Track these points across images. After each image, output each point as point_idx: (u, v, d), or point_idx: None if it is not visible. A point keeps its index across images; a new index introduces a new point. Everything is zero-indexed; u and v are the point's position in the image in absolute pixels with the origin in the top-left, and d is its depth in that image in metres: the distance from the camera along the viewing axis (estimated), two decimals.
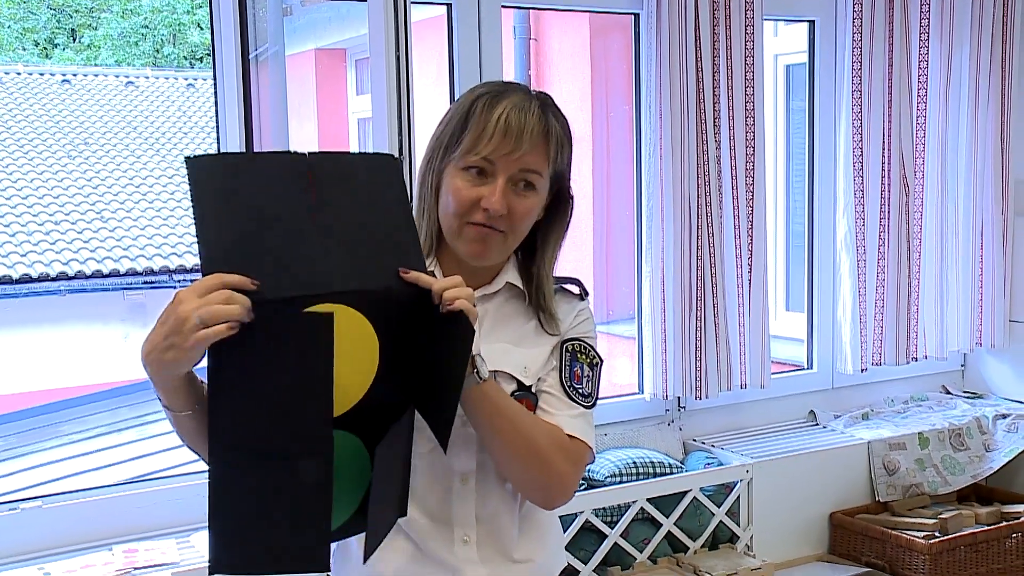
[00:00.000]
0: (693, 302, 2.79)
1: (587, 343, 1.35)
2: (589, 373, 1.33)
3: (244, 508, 1.04)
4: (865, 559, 2.86)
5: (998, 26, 3.21)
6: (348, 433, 1.09)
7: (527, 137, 1.23)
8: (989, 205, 3.27)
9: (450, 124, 1.28)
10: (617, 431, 2.86)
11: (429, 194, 1.29)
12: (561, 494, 1.28)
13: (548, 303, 1.34)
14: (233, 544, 1.05)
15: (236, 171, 1.06)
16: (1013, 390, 3.38)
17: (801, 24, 3.22)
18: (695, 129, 2.75)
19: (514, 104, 1.25)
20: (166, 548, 2.21)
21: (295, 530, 1.06)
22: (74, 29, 12.17)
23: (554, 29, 4.34)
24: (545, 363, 1.32)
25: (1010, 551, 2.87)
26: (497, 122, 1.23)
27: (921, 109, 3.14)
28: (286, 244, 1.04)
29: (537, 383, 1.31)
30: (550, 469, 1.24)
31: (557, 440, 1.26)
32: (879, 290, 3.11)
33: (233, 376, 1.01)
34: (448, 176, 1.26)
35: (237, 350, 0.99)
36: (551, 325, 1.33)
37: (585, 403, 1.31)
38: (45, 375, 6.86)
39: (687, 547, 2.71)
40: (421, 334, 1.13)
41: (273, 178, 1.06)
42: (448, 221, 1.27)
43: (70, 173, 8.38)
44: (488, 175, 1.24)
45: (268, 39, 2.45)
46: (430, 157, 1.30)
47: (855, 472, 2.99)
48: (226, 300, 0.97)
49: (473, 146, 1.23)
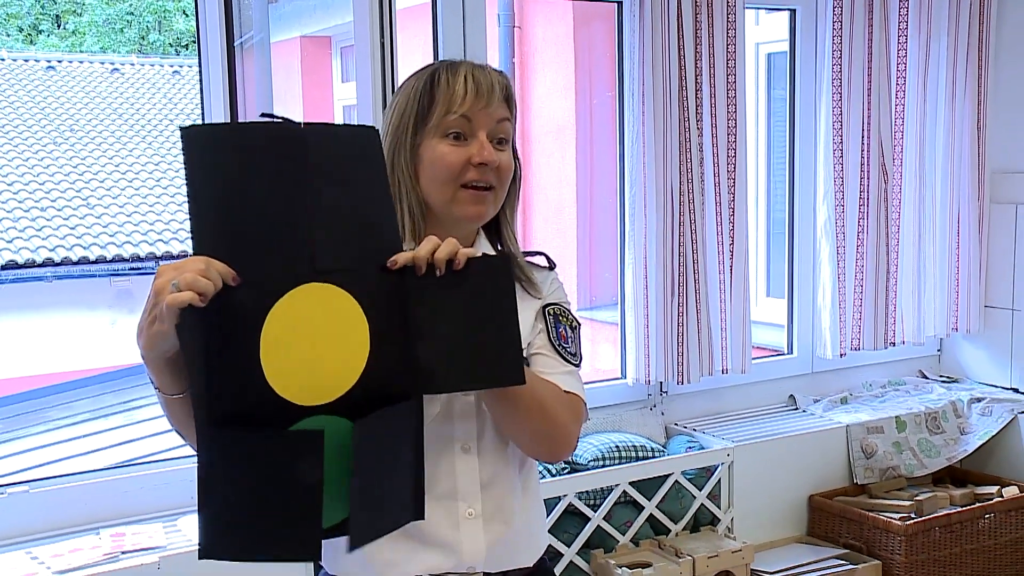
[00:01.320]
0: (675, 288, 2.82)
1: (565, 307, 1.39)
2: (572, 335, 1.37)
3: (234, 492, 1.03)
4: (843, 540, 2.91)
5: (975, 17, 3.24)
6: (341, 419, 1.06)
7: (496, 91, 1.28)
8: (965, 193, 3.31)
9: (411, 103, 1.29)
10: (600, 415, 2.88)
11: (406, 177, 1.29)
12: (566, 446, 1.30)
13: (523, 267, 1.37)
14: (223, 529, 1.03)
15: (228, 142, 1.04)
16: (988, 374, 3.43)
17: (782, 13, 3.24)
18: (677, 117, 2.77)
19: (473, 66, 1.29)
20: (153, 532, 2.22)
21: (285, 516, 1.04)
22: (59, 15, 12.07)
23: (538, 17, 4.34)
24: (532, 329, 1.34)
25: (983, 531, 2.92)
26: (466, 81, 1.26)
27: (900, 98, 3.17)
28: (275, 220, 1.03)
29: (527, 348, 1.33)
30: (555, 421, 1.27)
31: (557, 395, 1.29)
32: (858, 276, 3.15)
33: (203, 353, 1.00)
34: (427, 149, 1.28)
35: (207, 325, 0.99)
36: (532, 288, 1.36)
37: (574, 361, 1.35)
38: (32, 361, 6.84)
39: (669, 529, 2.75)
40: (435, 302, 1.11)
41: (267, 151, 1.04)
42: (440, 191, 1.28)
43: (56, 159, 8.34)
44: (467, 136, 1.27)
45: (253, 26, 2.46)
46: (396, 140, 1.30)
47: (834, 455, 3.04)
48: (202, 272, 0.99)
49: (448, 108, 1.26)
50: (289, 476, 1.03)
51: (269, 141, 1.05)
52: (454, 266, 1.11)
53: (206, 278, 0.98)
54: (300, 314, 1.04)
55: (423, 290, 1.10)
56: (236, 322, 1.01)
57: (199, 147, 1.02)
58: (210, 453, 1.02)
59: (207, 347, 1.01)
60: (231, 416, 1.02)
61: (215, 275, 0.99)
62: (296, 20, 5.40)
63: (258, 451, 1.02)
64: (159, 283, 1.00)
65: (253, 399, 1.02)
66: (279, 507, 1.03)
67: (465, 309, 1.12)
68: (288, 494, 1.03)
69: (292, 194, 1.04)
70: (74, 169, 8.28)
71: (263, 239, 1.03)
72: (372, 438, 1.08)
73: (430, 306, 1.11)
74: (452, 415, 1.28)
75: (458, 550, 1.30)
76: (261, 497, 1.03)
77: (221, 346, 1.01)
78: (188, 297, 0.98)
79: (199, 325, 1.00)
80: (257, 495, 1.03)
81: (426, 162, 1.28)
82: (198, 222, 1.02)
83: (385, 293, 1.09)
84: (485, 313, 1.12)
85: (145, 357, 1.06)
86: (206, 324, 1.00)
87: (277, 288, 1.03)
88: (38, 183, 8.00)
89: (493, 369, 1.13)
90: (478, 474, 1.30)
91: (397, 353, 1.10)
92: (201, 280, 0.98)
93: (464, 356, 1.12)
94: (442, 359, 1.12)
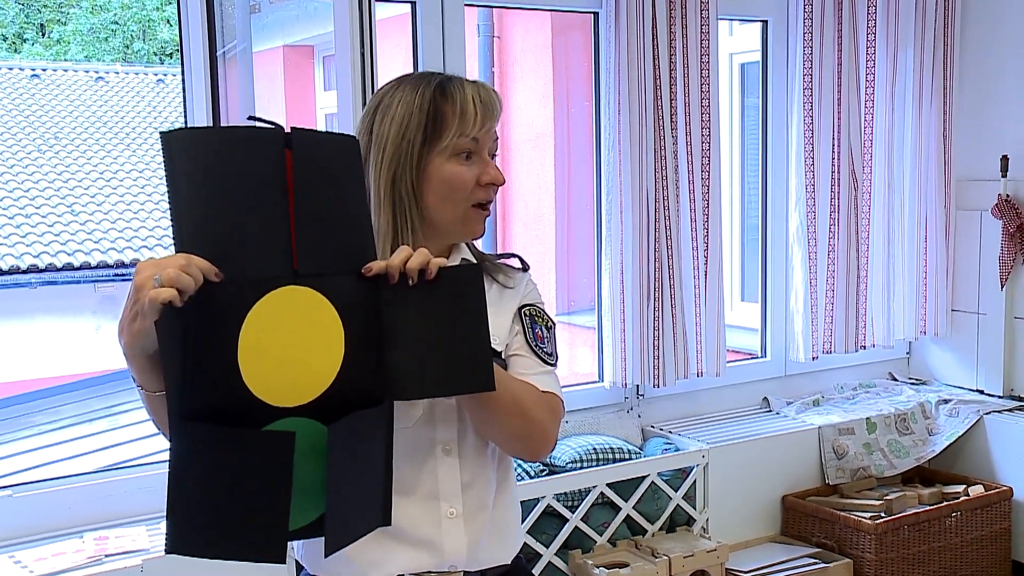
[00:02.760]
0: (651, 293, 2.86)
1: (541, 308, 1.42)
2: (548, 335, 1.40)
3: (203, 489, 1.02)
4: (815, 539, 2.96)
5: (940, 31, 3.31)
6: (314, 421, 1.07)
7: (497, 110, 1.32)
8: (932, 200, 3.37)
9: (416, 118, 1.28)
10: (577, 418, 2.92)
11: (409, 189, 1.29)
12: (545, 444, 1.33)
13: (494, 262, 1.40)
14: (191, 526, 1.03)
15: (210, 146, 1.03)
16: (955, 376, 3.50)
17: (755, 24, 3.30)
18: (653, 125, 2.82)
19: (472, 84, 1.32)
20: (136, 535, 2.23)
21: (253, 517, 1.03)
22: (43, 24, 12.02)
23: (517, 27, 4.39)
24: (509, 331, 1.37)
25: (950, 529, 2.98)
26: (474, 102, 1.29)
27: (869, 107, 3.23)
28: (257, 223, 1.04)
29: (505, 349, 1.36)
30: (533, 421, 1.29)
31: (535, 395, 1.32)
32: (829, 281, 3.20)
33: (180, 349, 1.01)
34: (437, 169, 1.28)
35: (186, 323, 0.99)
36: (508, 279, 1.39)
37: (550, 361, 1.38)
38: (17, 367, 6.82)
39: (645, 530, 2.78)
40: (408, 310, 1.12)
41: (249, 155, 1.04)
42: (452, 210, 1.30)
43: (40, 167, 8.32)
44: (473, 154, 1.30)
45: (236, 36, 2.49)
46: (399, 156, 1.29)
47: (806, 456, 3.09)
48: (183, 267, 1.00)
49: (462, 130, 1.28)
50: (259, 476, 1.03)
51: (253, 144, 1.05)
52: (426, 276, 1.14)
53: (187, 274, 0.99)
54: (278, 316, 1.05)
55: (396, 298, 1.12)
56: (215, 321, 1.02)
57: (180, 151, 1.02)
58: (181, 448, 1.02)
59: (185, 344, 1.01)
60: (205, 413, 1.02)
61: (196, 271, 1.00)
62: (279, 29, 5.43)
63: (229, 448, 1.02)
64: (140, 279, 1.00)
65: (228, 397, 1.03)
66: (247, 507, 1.03)
67: (436, 317, 1.14)
68: (257, 494, 1.03)
69: (274, 197, 1.05)
70: (58, 176, 8.26)
71: (244, 240, 1.03)
72: (346, 441, 1.08)
73: (402, 314, 1.13)
74: (434, 418, 1.31)
75: (440, 549, 1.31)
76: (230, 496, 1.02)
77: (199, 343, 1.02)
78: (169, 294, 0.98)
79: (178, 322, 1.00)
80: (226, 493, 1.02)
81: (435, 181, 1.29)
82: (179, 223, 1.02)
83: (361, 299, 1.10)
84: (456, 321, 1.14)
85: (127, 354, 1.06)
86: (185, 321, 1.00)
87: (257, 289, 1.03)
88: (22, 190, 7.98)
89: (464, 376, 1.15)
90: (459, 475, 1.32)
91: (371, 359, 1.11)
92: (183, 276, 0.99)
93: (435, 363, 1.14)
94: (413, 366, 1.13)
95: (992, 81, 3.34)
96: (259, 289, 1.04)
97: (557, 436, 1.36)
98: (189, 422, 1.02)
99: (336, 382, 1.08)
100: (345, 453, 1.08)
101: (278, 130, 1.06)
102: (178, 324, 1.00)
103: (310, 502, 1.07)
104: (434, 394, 1.21)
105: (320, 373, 1.07)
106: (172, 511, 1.02)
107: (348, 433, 1.08)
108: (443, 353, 1.14)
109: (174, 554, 1.04)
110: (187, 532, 1.03)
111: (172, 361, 1.01)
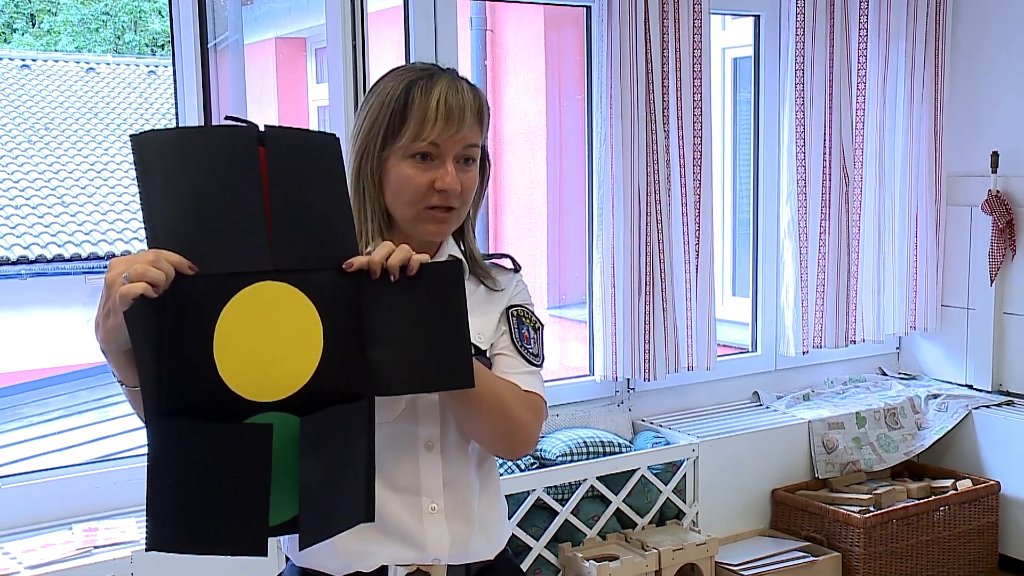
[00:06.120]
0: (642, 287, 2.86)
1: (529, 309, 1.42)
2: (535, 335, 1.40)
3: (181, 484, 1.02)
4: (805, 533, 2.97)
5: (931, 26, 3.33)
6: (293, 416, 1.06)
7: (467, 116, 1.29)
8: (923, 196, 3.39)
9: (383, 112, 1.29)
10: (568, 412, 2.93)
11: (370, 184, 1.31)
12: (526, 443, 1.33)
13: (481, 264, 1.40)
14: (170, 522, 1.02)
15: (183, 146, 1.03)
16: (944, 371, 3.52)
17: (747, 18, 3.30)
18: (645, 119, 2.82)
19: (448, 86, 1.30)
20: (125, 527, 2.23)
21: (233, 510, 1.03)
22: (33, 15, 11.97)
23: (510, 20, 4.38)
24: (496, 330, 1.38)
25: (938, 523, 3.00)
26: (438, 107, 1.27)
27: (860, 102, 3.24)
28: (232, 221, 1.04)
29: (490, 348, 1.37)
30: (515, 419, 1.30)
31: (517, 394, 1.32)
32: (820, 276, 3.22)
33: (155, 344, 1.01)
34: (393, 166, 1.29)
35: (161, 317, 0.99)
36: (496, 284, 1.39)
37: (535, 362, 1.38)
38: (6, 358, 6.80)
39: (635, 523, 2.79)
40: (389, 306, 1.12)
41: (223, 153, 1.04)
42: (404, 210, 1.30)
43: (31, 158, 8.28)
44: (434, 158, 1.28)
45: (227, 27, 2.49)
46: (365, 147, 1.30)
47: (796, 450, 3.10)
48: (152, 262, 1.00)
49: (418, 134, 1.27)
50: (237, 470, 1.03)
51: (225, 141, 1.05)
52: (407, 272, 1.14)
53: (157, 268, 0.99)
54: (255, 311, 1.04)
55: (377, 294, 1.12)
56: (191, 315, 1.02)
57: (152, 152, 1.02)
58: (159, 443, 1.02)
59: (160, 338, 1.01)
60: (181, 408, 1.02)
61: (166, 265, 1.00)
62: (271, 21, 5.41)
63: (207, 443, 1.02)
64: (111, 276, 1.01)
65: (204, 392, 1.02)
66: (226, 501, 1.03)
67: (417, 313, 1.13)
68: (236, 488, 1.03)
69: (249, 194, 1.05)
70: (49, 168, 8.23)
71: (220, 238, 1.03)
72: (320, 435, 1.08)
73: (383, 310, 1.12)
74: (416, 414, 1.31)
75: (423, 543, 1.32)
76: (208, 490, 1.02)
77: (175, 338, 1.01)
78: (140, 288, 0.98)
79: (153, 317, 1.00)
80: (204, 488, 1.02)
81: (392, 179, 1.29)
82: (152, 222, 1.02)
83: (340, 295, 1.10)
84: (437, 317, 1.14)
85: (105, 351, 1.06)
86: (160, 316, 1.00)
87: (233, 284, 1.03)
88: (12, 181, 7.94)
89: (444, 372, 1.15)
90: (441, 471, 1.33)
91: (350, 354, 1.11)
92: (151, 270, 0.99)
93: (415, 359, 1.13)
94: (394, 362, 1.13)
95: (983, 78, 3.36)
96: (236, 283, 1.03)
97: (539, 435, 1.37)
98: (166, 417, 1.02)
99: (315, 377, 1.07)
100: (319, 446, 1.08)
101: (251, 128, 1.06)
102: (153, 319, 1.00)
103: (292, 497, 1.07)
104: (414, 390, 1.20)
105: (298, 368, 1.07)
106: (151, 507, 1.02)
107: (323, 426, 1.08)
108: (423, 349, 1.14)
109: (155, 551, 1.03)
110: (167, 528, 1.03)
111: (146, 356, 1.01)
